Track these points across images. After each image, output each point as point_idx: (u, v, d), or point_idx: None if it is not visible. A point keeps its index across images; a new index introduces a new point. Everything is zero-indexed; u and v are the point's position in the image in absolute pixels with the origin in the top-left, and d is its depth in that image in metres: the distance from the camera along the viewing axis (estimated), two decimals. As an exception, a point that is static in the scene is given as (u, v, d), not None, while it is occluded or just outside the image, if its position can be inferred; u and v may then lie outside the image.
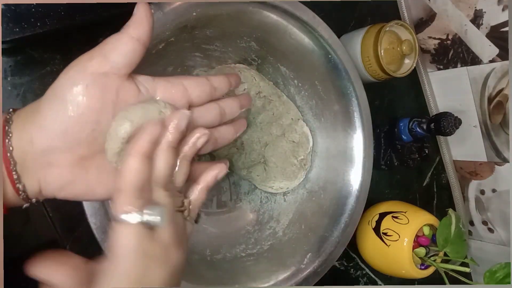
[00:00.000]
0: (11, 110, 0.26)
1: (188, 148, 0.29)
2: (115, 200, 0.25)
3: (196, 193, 0.30)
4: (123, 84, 0.26)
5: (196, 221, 0.31)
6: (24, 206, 0.27)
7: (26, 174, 0.25)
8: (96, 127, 0.25)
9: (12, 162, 0.24)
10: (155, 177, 0.27)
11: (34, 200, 0.26)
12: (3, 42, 0.32)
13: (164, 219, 0.26)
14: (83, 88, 0.25)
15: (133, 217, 0.25)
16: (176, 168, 0.29)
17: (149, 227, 0.25)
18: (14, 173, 0.25)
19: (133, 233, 0.25)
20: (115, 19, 0.33)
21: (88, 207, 0.34)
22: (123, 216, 0.25)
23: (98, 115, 0.25)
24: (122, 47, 0.26)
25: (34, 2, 0.32)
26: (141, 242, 0.25)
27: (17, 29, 0.32)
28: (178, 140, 0.28)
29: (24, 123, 0.25)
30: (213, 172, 0.31)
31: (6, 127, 0.25)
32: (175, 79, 0.29)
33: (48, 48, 0.39)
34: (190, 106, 0.30)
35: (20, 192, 0.25)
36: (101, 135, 0.26)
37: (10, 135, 0.25)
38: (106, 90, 0.25)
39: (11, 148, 0.24)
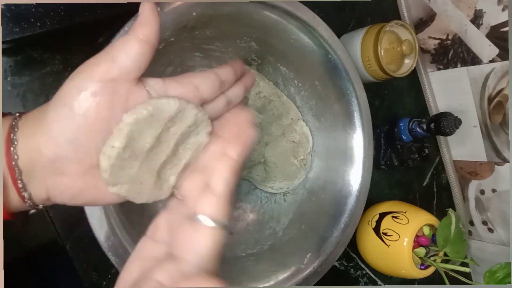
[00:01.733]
0: (17, 115, 0.25)
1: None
2: (205, 201, 0.26)
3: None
4: (132, 89, 0.25)
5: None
6: (31, 212, 0.26)
7: (33, 183, 0.24)
8: (106, 135, 0.24)
9: (17, 171, 0.24)
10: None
11: (41, 206, 0.26)
12: (3, 42, 0.32)
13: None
14: (91, 96, 0.24)
15: (214, 224, 0.25)
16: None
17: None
18: (19, 181, 0.24)
19: (217, 236, 0.25)
20: (115, 19, 0.34)
21: (88, 207, 0.34)
22: (207, 221, 0.25)
23: (107, 123, 0.24)
24: (130, 50, 0.25)
25: (34, 2, 0.32)
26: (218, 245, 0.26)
27: (17, 29, 0.32)
28: None
29: (31, 130, 0.24)
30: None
31: (12, 135, 0.24)
32: (184, 79, 0.28)
33: (48, 48, 0.39)
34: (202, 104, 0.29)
35: (26, 200, 0.25)
36: None
37: (16, 143, 0.24)
38: (115, 96, 0.24)
39: (16, 157, 0.24)
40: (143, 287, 0.24)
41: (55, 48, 0.39)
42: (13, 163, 0.24)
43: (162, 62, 0.40)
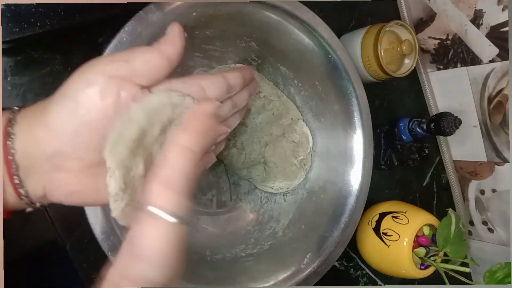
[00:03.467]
0: (16, 108, 0.25)
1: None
2: (158, 192, 0.23)
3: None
4: (139, 92, 0.25)
5: None
6: (28, 210, 0.25)
7: (30, 179, 0.24)
8: (106, 134, 0.24)
9: (14, 166, 0.23)
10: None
11: (38, 204, 0.25)
12: (3, 42, 0.32)
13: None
14: (98, 91, 0.23)
15: (170, 217, 0.22)
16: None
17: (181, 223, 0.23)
18: (16, 177, 0.23)
19: (168, 230, 0.23)
20: (115, 19, 0.34)
21: (88, 207, 0.34)
22: (160, 213, 0.22)
23: (110, 121, 0.24)
24: (149, 58, 0.25)
25: (34, 2, 0.32)
26: (175, 239, 0.23)
27: (17, 29, 0.32)
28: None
29: (30, 124, 0.24)
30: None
31: (9, 128, 0.23)
32: (191, 80, 0.28)
33: (48, 48, 0.39)
34: None
35: (23, 197, 0.24)
36: None
37: (13, 137, 0.23)
38: (122, 96, 0.24)
39: (13, 151, 0.23)
40: None
41: (55, 48, 0.39)
42: (10, 157, 0.23)
43: (162, 62, 0.40)
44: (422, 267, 0.50)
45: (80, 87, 0.23)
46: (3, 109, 0.25)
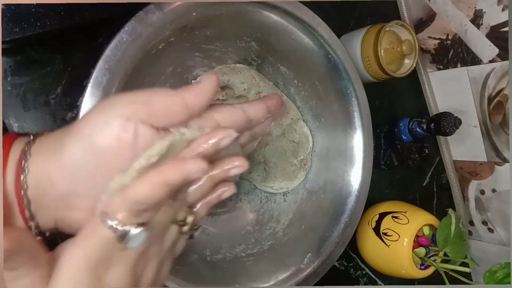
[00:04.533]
0: (30, 138, 0.24)
1: (220, 172, 0.27)
2: (112, 200, 0.23)
3: (198, 207, 0.28)
4: (155, 134, 0.24)
5: (192, 237, 0.30)
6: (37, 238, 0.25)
7: (41, 213, 0.23)
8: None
9: (25, 200, 0.23)
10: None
11: (48, 233, 0.25)
12: (3, 42, 0.32)
13: (140, 243, 0.23)
14: (116, 133, 0.22)
15: (114, 227, 0.22)
16: (197, 184, 0.27)
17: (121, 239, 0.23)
18: (27, 211, 0.23)
19: (105, 239, 0.22)
20: (115, 19, 0.34)
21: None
22: (108, 221, 0.22)
23: (125, 163, 0.23)
24: (169, 103, 0.24)
25: (34, 2, 0.32)
26: (105, 252, 0.22)
27: (17, 29, 0.32)
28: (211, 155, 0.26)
29: (45, 159, 0.23)
30: (220, 190, 0.29)
31: (23, 162, 0.23)
32: (207, 113, 0.26)
33: (48, 48, 0.38)
34: None
35: (33, 229, 0.23)
36: None
37: (27, 171, 0.22)
38: (139, 137, 0.23)
39: (25, 186, 0.22)
40: None
41: (55, 48, 0.39)
42: (22, 192, 0.22)
43: (162, 62, 0.40)
44: (422, 267, 0.50)
45: (97, 128, 0.23)
46: (19, 134, 0.25)
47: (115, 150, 0.22)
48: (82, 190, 0.23)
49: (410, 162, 0.57)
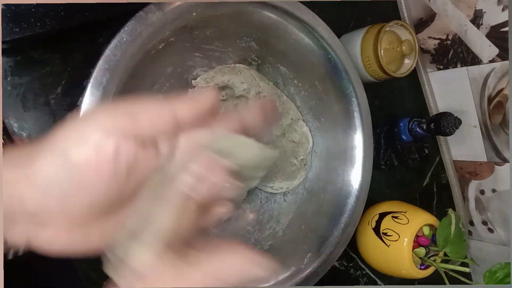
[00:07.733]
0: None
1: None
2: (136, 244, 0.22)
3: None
4: (140, 150, 0.22)
5: None
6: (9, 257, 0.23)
7: (11, 231, 0.21)
8: (104, 195, 0.21)
9: None
10: None
11: (21, 253, 0.23)
12: (3, 42, 0.32)
13: None
14: (93, 148, 0.20)
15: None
16: None
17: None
18: None
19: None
20: (115, 19, 0.34)
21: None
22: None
23: (108, 180, 0.21)
24: (156, 115, 0.22)
25: (34, 2, 0.32)
26: None
27: (17, 29, 0.32)
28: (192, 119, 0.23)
29: (14, 175, 0.21)
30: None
31: None
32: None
33: (48, 48, 0.38)
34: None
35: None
36: (110, 200, 0.22)
37: None
38: (121, 153, 0.21)
39: None
40: None
41: (55, 48, 0.39)
42: None
43: (162, 62, 0.40)
44: (422, 267, 0.50)
45: (72, 142, 0.21)
46: None
47: (92, 167, 0.20)
48: (55, 207, 0.21)
49: (410, 162, 0.57)
